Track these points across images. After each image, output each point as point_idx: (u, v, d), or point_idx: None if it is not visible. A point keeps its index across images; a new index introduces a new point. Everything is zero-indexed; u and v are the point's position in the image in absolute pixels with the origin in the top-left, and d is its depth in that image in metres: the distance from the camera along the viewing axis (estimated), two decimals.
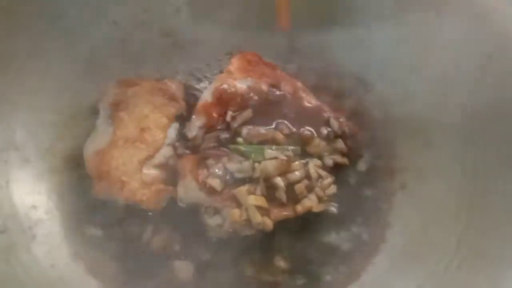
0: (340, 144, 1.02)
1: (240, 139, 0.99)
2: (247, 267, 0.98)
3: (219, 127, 1.02)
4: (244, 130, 1.00)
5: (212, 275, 0.96)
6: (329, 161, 1.01)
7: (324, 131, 1.02)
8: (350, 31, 1.17)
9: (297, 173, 0.96)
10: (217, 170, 0.94)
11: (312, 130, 1.02)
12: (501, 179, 0.93)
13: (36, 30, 1.04)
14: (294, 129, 1.01)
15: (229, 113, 1.02)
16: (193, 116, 1.05)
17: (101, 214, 0.98)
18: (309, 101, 1.07)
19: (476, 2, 1.03)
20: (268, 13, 1.19)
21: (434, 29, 1.09)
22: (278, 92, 1.07)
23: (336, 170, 1.01)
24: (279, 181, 0.94)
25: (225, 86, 1.06)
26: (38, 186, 0.99)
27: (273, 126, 1.02)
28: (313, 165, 0.98)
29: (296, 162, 0.97)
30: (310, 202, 0.94)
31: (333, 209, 1.01)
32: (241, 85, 1.06)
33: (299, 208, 0.94)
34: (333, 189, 0.98)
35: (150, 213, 0.99)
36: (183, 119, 1.07)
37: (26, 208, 0.96)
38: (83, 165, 1.00)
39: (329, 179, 0.98)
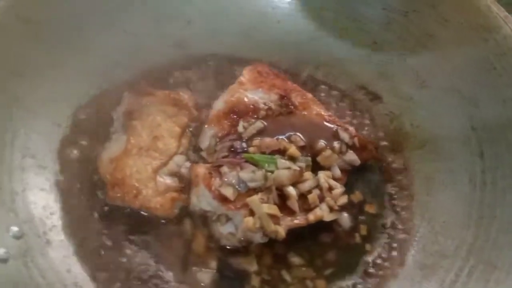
0: (351, 155, 1.03)
1: (252, 149, 1.00)
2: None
3: (231, 137, 1.04)
4: (256, 140, 1.01)
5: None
6: (337, 172, 1.02)
7: (335, 143, 1.03)
8: (359, 46, 1.20)
9: (308, 183, 0.97)
10: (230, 179, 0.96)
11: (323, 141, 1.03)
12: (509, 191, 0.95)
13: (54, 39, 1.07)
14: (305, 140, 1.03)
15: (241, 124, 1.04)
16: (206, 126, 1.07)
17: (114, 221, 0.99)
18: (320, 112, 1.08)
19: (480, 14, 1.06)
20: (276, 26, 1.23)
21: (440, 42, 1.11)
22: (289, 103, 1.08)
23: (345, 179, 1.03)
24: (292, 190, 0.95)
25: (236, 97, 1.08)
26: (53, 193, 1.00)
27: (285, 137, 1.04)
28: (324, 176, 0.99)
29: (307, 173, 0.99)
30: (321, 212, 0.95)
31: (344, 219, 1.02)
32: (253, 96, 1.09)
33: (311, 217, 0.95)
34: (344, 199, 0.99)
35: (163, 221, 0.99)
36: (196, 128, 1.09)
37: (42, 214, 0.97)
38: (98, 173, 1.02)
39: (339, 189, 0.99)
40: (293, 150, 1.00)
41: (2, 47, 1.01)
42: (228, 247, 0.98)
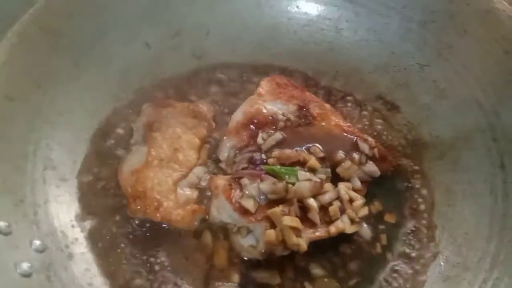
0: (371, 167, 1.03)
1: (271, 161, 1.00)
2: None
3: (250, 149, 1.04)
4: (276, 152, 1.01)
5: None
6: (357, 183, 1.02)
7: (355, 154, 1.03)
8: (377, 57, 1.20)
9: (328, 195, 0.97)
10: (250, 191, 0.95)
11: (343, 152, 1.03)
12: None
13: (76, 51, 1.08)
14: (325, 152, 1.03)
15: (260, 135, 1.04)
16: (225, 138, 1.07)
17: (136, 234, 0.99)
18: (338, 123, 1.08)
19: (501, 26, 1.06)
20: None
21: (459, 52, 1.11)
22: (307, 114, 1.08)
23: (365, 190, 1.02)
24: (313, 202, 0.95)
25: (255, 108, 1.08)
26: (74, 205, 1.01)
27: (304, 148, 1.03)
28: (344, 187, 0.99)
29: (327, 184, 0.98)
30: (343, 224, 0.95)
31: (364, 230, 1.02)
32: (271, 107, 1.09)
33: (333, 230, 0.94)
34: (365, 210, 0.98)
35: (183, 233, 0.99)
36: (214, 140, 1.09)
37: (63, 227, 0.97)
38: (118, 185, 1.02)
39: (360, 201, 0.98)
40: (313, 161, 0.99)
41: (25, 58, 1.02)
42: (249, 260, 0.97)
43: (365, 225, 1.02)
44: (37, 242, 0.92)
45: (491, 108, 1.05)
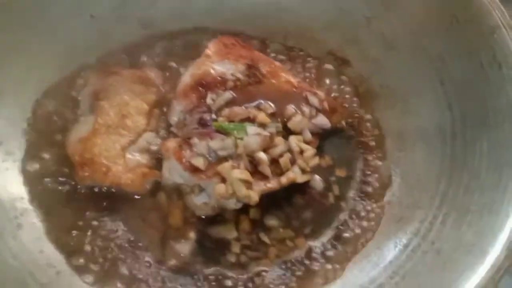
0: (321, 119, 1.03)
1: (221, 119, 0.99)
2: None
3: (199, 110, 1.03)
4: (226, 111, 1.01)
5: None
6: (308, 135, 1.02)
7: (305, 107, 1.03)
8: (326, 14, 1.19)
9: (279, 148, 0.97)
10: (200, 149, 0.95)
11: (293, 107, 1.03)
12: (478, 139, 0.95)
13: (18, 23, 1.05)
14: (275, 107, 1.02)
15: (209, 96, 1.03)
16: (174, 101, 1.06)
17: (87, 202, 0.98)
18: (288, 79, 1.08)
19: None
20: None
21: (403, 2, 1.11)
22: (257, 72, 1.08)
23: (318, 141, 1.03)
24: (263, 155, 0.94)
25: (203, 69, 1.07)
26: (21, 177, 0.99)
27: (254, 105, 1.03)
28: (295, 139, 0.99)
29: (278, 138, 0.98)
30: (293, 174, 0.95)
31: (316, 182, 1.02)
32: (219, 68, 1.08)
33: (284, 180, 0.95)
34: (315, 160, 0.99)
35: (137, 197, 0.98)
36: (164, 105, 1.08)
37: (12, 198, 0.96)
38: (67, 155, 1.00)
39: (310, 151, 0.99)
40: (262, 116, 0.99)
41: None
42: (205, 218, 0.98)
43: (316, 176, 1.02)
44: None
45: (436, 52, 1.06)
